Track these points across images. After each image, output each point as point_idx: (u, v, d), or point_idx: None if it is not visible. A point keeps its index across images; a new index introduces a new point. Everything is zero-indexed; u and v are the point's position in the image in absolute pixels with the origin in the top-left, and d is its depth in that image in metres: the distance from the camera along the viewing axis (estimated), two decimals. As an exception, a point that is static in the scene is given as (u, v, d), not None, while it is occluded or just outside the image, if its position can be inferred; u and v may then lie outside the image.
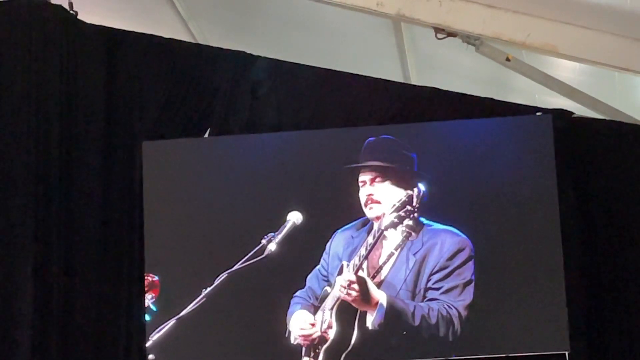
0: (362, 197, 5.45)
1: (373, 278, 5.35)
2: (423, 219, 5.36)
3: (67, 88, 5.69)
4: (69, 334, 5.56)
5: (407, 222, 5.30)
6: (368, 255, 5.36)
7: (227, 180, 5.63)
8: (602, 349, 5.58)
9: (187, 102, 5.88)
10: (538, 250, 5.39)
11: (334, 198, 5.49)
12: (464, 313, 5.32)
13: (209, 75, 5.89)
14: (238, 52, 5.91)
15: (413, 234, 5.32)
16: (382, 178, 5.44)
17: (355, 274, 5.32)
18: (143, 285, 5.58)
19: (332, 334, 5.35)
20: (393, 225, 5.32)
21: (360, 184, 5.47)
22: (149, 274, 5.58)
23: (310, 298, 5.47)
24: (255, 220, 5.54)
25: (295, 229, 5.49)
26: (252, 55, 5.92)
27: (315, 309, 5.43)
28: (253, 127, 5.86)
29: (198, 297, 5.47)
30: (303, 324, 5.41)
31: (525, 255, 5.39)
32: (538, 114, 5.64)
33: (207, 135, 5.89)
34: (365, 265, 5.37)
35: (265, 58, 5.92)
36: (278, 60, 5.91)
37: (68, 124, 5.68)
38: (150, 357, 5.49)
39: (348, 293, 5.29)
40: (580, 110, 5.92)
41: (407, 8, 5.51)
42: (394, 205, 5.33)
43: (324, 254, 5.48)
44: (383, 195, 5.41)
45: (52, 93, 5.62)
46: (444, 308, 5.30)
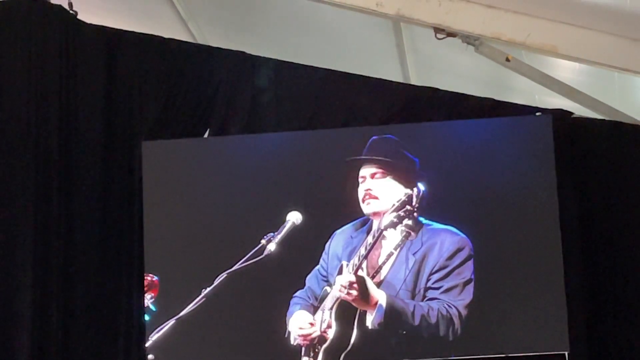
0: (360, 192, 5.44)
1: (372, 278, 5.34)
2: (422, 219, 5.35)
3: (66, 88, 5.69)
4: (69, 334, 5.56)
5: (406, 221, 5.30)
6: (367, 255, 5.35)
7: (227, 180, 5.63)
8: (602, 349, 5.58)
9: (187, 102, 5.88)
10: (538, 250, 5.38)
11: (334, 198, 5.49)
12: (464, 312, 5.31)
13: (209, 75, 5.89)
14: (238, 52, 5.92)
15: (412, 234, 5.31)
16: (382, 174, 5.43)
17: (355, 274, 5.32)
18: (143, 285, 5.58)
19: (331, 334, 5.34)
20: (392, 225, 5.31)
21: (360, 180, 5.45)
22: (149, 274, 5.58)
23: (310, 298, 5.46)
24: (255, 220, 5.53)
25: (295, 229, 5.49)
26: (252, 55, 5.93)
27: (315, 309, 5.43)
28: (253, 127, 5.86)
29: (197, 297, 5.46)
30: (302, 324, 5.41)
31: (525, 255, 5.38)
32: (538, 114, 5.64)
33: (207, 135, 5.90)
34: (365, 265, 5.36)
35: (265, 58, 5.92)
36: (278, 60, 5.92)
37: (68, 124, 5.68)
38: (150, 357, 5.48)
39: (348, 293, 5.29)
40: (580, 111, 5.92)
41: (406, 8, 5.51)
42: (394, 205, 5.32)
43: (323, 254, 5.48)
44: (381, 191, 5.40)
45: (51, 93, 5.63)
46: (444, 307, 5.29)
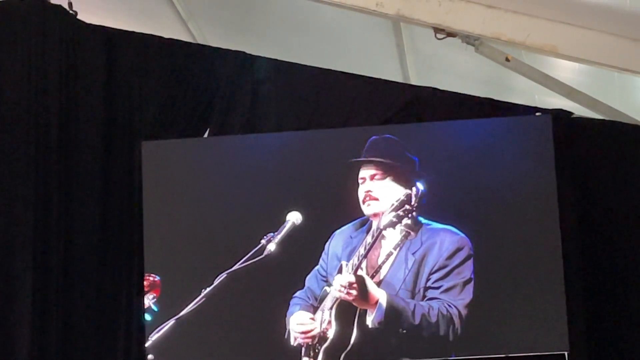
0: (360, 193, 5.44)
1: (372, 278, 5.33)
2: (422, 218, 5.35)
3: (66, 88, 5.70)
4: (69, 334, 5.56)
5: (405, 221, 5.30)
6: (367, 255, 5.35)
7: (227, 180, 5.62)
8: (602, 349, 5.58)
9: (187, 102, 5.88)
10: (537, 250, 5.37)
11: (334, 198, 5.49)
12: (464, 312, 5.31)
13: (209, 75, 5.89)
14: (238, 52, 5.92)
15: (412, 233, 5.31)
16: (382, 175, 5.43)
17: (354, 274, 5.32)
18: (143, 285, 5.58)
19: (331, 333, 5.34)
20: (392, 225, 5.31)
21: (360, 181, 5.46)
22: (151, 274, 5.58)
23: (310, 299, 5.46)
24: (255, 220, 5.53)
25: (295, 229, 5.49)
26: (252, 55, 5.93)
27: (315, 310, 5.42)
28: (253, 127, 5.86)
29: (197, 297, 5.46)
30: (302, 320, 5.40)
31: (525, 255, 5.38)
32: (537, 114, 5.64)
33: (207, 135, 5.90)
34: (364, 265, 5.36)
35: (265, 58, 5.92)
36: (278, 60, 5.92)
37: (68, 124, 5.68)
38: (150, 357, 5.48)
39: (348, 293, 5.29)
40: (580, 111, 5.91)
41: (406, 8, 5.51)
42: (393, 205, 5.32)
43: (323, 254, 5.47)
44: (381, 193, 5.40)
45: (51, 93, 5.63)
46: (444, 307, 5.29)
